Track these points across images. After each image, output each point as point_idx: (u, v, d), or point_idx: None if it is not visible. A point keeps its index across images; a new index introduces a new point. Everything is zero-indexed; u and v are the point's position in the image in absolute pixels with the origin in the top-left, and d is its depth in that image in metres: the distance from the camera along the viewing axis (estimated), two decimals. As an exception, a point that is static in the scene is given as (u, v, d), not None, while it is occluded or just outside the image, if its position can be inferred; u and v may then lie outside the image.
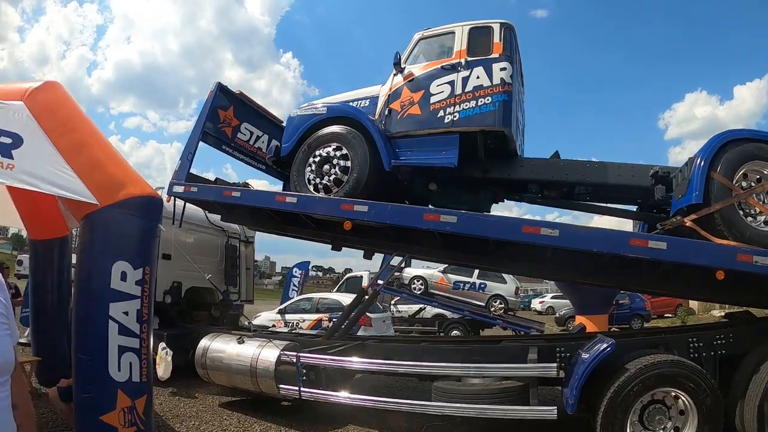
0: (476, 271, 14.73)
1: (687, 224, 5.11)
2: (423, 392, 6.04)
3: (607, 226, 8.10)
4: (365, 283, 14.60)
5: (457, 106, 5.90)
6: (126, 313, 4.38)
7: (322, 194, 6.27)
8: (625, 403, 4.59)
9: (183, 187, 7.00)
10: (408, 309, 16.62)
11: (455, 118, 5.88)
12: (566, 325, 17.37)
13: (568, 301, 18.67)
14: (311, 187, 6.38)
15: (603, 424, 4.59)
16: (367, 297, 7.15)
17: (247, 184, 7.89)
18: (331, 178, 6.26)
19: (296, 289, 15.78)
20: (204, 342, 6.73)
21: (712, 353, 5.13)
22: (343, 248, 7.12)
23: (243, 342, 6.53)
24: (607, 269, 5.65)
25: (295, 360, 5.90)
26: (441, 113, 5.97)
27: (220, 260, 8.83)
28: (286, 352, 6.02)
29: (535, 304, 34.05)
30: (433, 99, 6.05)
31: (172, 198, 7.27)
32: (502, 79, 5.81)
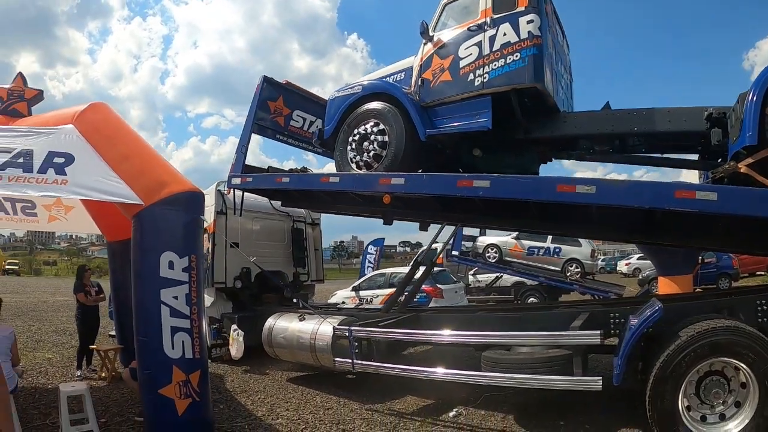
0: (549, 236, 14.00)
1: (742, 170, 4.44)
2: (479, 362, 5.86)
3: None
4: (440, 255, 14.47)
5: (486, 67, 5.56)
6: (176, 297, 4.78)
7: (363, 171, 6.20)
8: (676, 375, 4.08)
9: (240, 178, 7.29)
10: (487, 278, 16.21)
11: (485, 80, 5.55)
12: (649, 287, 16.06)
13: (651, 262, 17.22)
14: (354, 165, 6.36)
15: (652, 396, 4.13)
16: (423, 269, 6.96)
17: (306, 168, 8.01)
18: (371, 154, 6.20)
19: (372, 265, 15.96)
20: (269, 321, 6.99)
21: None
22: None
23: (304, 319, 6.68)
24: (664, 226, 5.09)
25: (347, 334, 5.91)
26: (471, 76, 5.66)
27: (287, 244, 9.11)
28: (340, 327, 6.07)
29: (621, 266, 31.84)
30: (462, 63, 5.75)
31: (232, 190, 7.51)
32: (529, 32, 5.38)
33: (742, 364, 4.00)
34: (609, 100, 6.21)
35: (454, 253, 13.44)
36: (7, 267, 46.20)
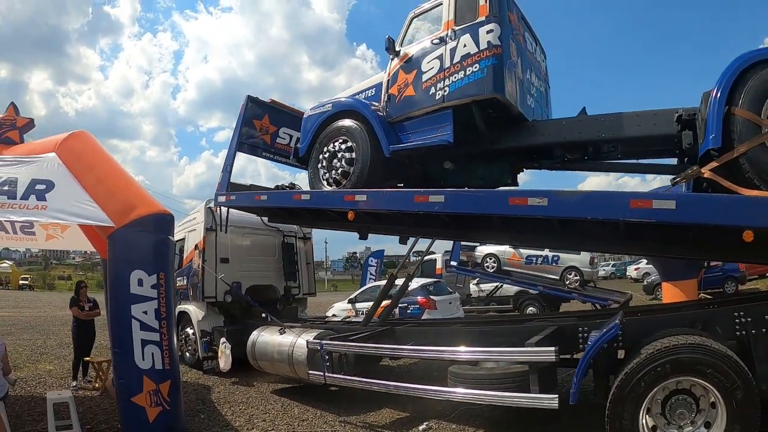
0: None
1: (705, 175, 4.15)
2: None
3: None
4: (439, 266, 14.30)
5: (447, 80, 5.47)
6: (145, 312, 5.02)
7: (333, 188, 6.16)
8: (635, 395, 3.82)
9: (225, 196, 7.38)
10: (490, 287, 15.94)
11: (446, 93, 5.46)
12: (654, 293, 15.45)
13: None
14: (324, 182, 6.38)
15: (610, 416, 3.88)
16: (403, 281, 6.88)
17: (294, 185, 8.02)
18: (339, 171, 6.19)
19: (373, 277, 15.88)
20: (253, 335, 7.03)
21: (764, 330, 4.11)
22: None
23: (284, 332, 6.67)
24: (637, 235, 4.86)
25: (320, 347, 5.87)
26: (432, 90, 5.58)
27: (278, 258, 9.12)
28: (312, 340, 6.04)
29: (631, 271, 30.85)
30: (424, 77, 5.68)
31: (218, 207, 7.58)
32: (489, 42, 5.24)
33: (708, 384, 3.70)
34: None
35: (453, 263, 13.27)
36: (21, 283, 47.64)
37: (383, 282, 13.08)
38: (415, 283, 9.85)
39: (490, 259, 14.11)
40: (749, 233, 3.69)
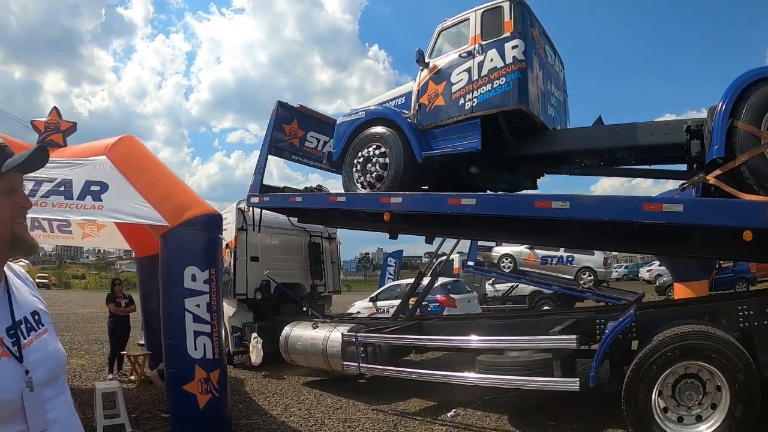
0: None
1: (710, 181, 4.77)
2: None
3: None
4: (456, 266, 14.94)
5: (475, 92, 6.11)
6: (198, 306, 5.57)
7: (367, 191, 6.78)
8: (648, 377, 4.45)
9: (258, 198, 8.01)
10: (506, 287, 16.60)
11: (474, 104, 6.10)
12: (666, 293, 16.01)
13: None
14: (359, 185, 6.97)
15: (626, 397, 4.52)
16: (428, 279, 7.51)
17: (321, 187, 8.67)
18: (374, 175, 6.80)
19: (392, 277, 16.57)
20: (286, 330, 7.66)
21: (765, 322, 4.69)
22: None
23: (317, 327, 7.28)
24: (646, 236, 5.47)
25: (354, 339, 6.49)
26: (461, 101, 6.21)
27: (305, 258, 9.80)
28: (348, 333, 6.66)
29: (643, 272, 31.56)
30: (453, 88, 6.32)
31: (251, 208, 8.21)
32: (514, 57, 5.91)
33: (713, 368, 4.32)
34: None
35: (470, 263, 13.90)
36: (37, 281, 48.59)
37: (402, 281, 13.78)
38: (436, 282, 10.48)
39: (507, 259, 14.76)
40: (748, 233, 4.30)
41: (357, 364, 6.49)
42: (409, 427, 5.78)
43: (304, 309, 7.57)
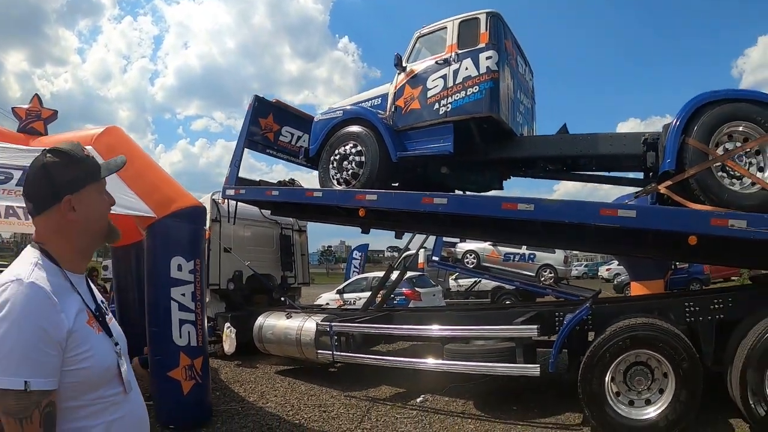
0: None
1: (662, 191, 5.50)
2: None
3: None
4: (421, 260, 15.64)
5: (450, 98, 6.71)
6: (183, 295, 5.98)
7: (343, 187, 7.30)
8: (602, 363, 5.10)
9: (233, 190, 8.41)
10: (467, 283, 17.47)
11: (448, 109, 6.70)
12: (623, 292, 17.22)
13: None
14: (335, 182, 7.48)
15: (581, 381, 5.17)
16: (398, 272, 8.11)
17: (294, 181, 9.13)
18: (349, 172, 7.33)
19: (357, 270, 17.20)
20: (260, 320, 8.13)
21: (709, 318, 5.39)
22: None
23: (290, 317, 7.80)
24: (607, 237, 6.19)
25: (329, 329, 7.03)
26: (436, 105, 6.81)
27: (276, 249, 10.28)
28: (322, 323, 7.20)
29: (602, 271, 33.45)
30: (429, 93, 6.90)
31: (226, 200, 8.61)
32: (488, 67, 6.52)
33: (660, 356, 5.03)
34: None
35: (435, 258, 14.62)
36: None
37: (369, 274, 14.37)
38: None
39: (470, 255, 15.59)
40: (693, 238, 5.09)
41: (331, 353, 7.05)
42: (381, 412, 6.39)
43: (282, 299, 8.05)
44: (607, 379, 5.15)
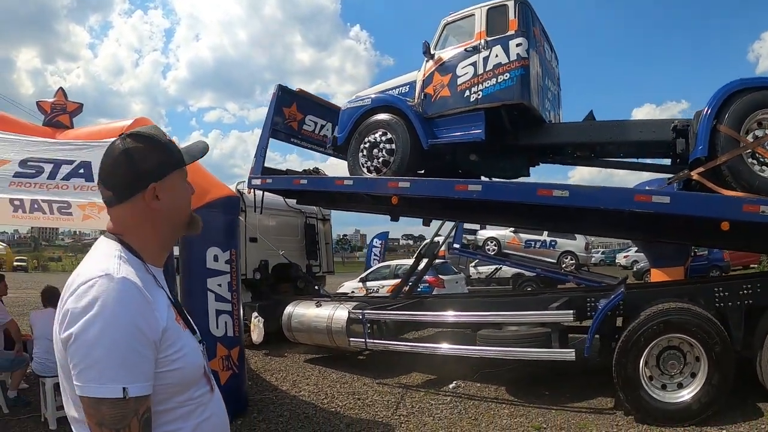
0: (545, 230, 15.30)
1: (694, 177, 5.61)
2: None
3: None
4: (442, 248, 15.80)
5: (480, 85, 6.77)
6: (220, 285, 6.09)
7: (373, 175, 7.39)
8: (636, 348, 5.23)
9: (260, 180, 8.52)
10: (487, 270, 17.58)
11: (479, 97, 6.77)
12: (644, 278, 17.30)
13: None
14: (365, 170, 7.56)
15: (616, 365, 5.31)
16: (426, 260, 8.23)
17: (318, 170, 9.25)
18: (380, 160, 7.41)
19: (377, 258, 17.34)
20: (288, 308, 8.27)
21: (738, 303, 5.46)
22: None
23: (320, 305, 7.94)
24: (633, 223, 6.28)
25: (361, 316, 7.16)
26: (467, 93, 6.87)
27: (301, 238, 10.43)
28: (354, 311, 7.33)
29: (620, 258, 33.51)
30: (459, 80, 6.96)
31: (252, 189, 8.74)
32: (518, 54, 6.58)
33: (693, 340, 5.16)
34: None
35: (456, 246, 14.73)
36: (15, 264, 48.25)
37: (391, 262, 14.51)
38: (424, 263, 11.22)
39: (492, 242, 15.72)
40: (726, 224, 5.18)
41: (363, 340, 7.19)
42: (416, 398, 6.55)
43: (316, 288, 8.19)
44: (641, 363, 5.27)
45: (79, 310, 1.24)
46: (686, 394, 5.20)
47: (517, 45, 6.62)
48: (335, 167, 9.51)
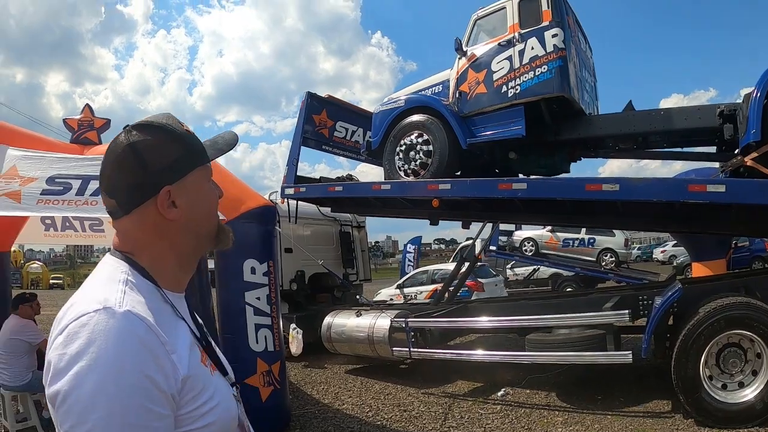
0: (583, 228, 14.89)
1: (748, 163, 5.32)
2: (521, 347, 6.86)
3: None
4: (478, 250, 15.53)
5: (518, 79, 6.54)
6: (258, 298, 5.90)
7: (411, 178, 7.20)
8: (696, 347, 4.94)
9: (293, 189, 8.41)
10: (524, 271, 17.20)
11: (517, 91, 6.54)
12: (684, 273, 16.72)
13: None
14: (402, 173, 7.38)
15: (676, 366, 5.02)
16: (467, 264, 7.98)
17: (351, 176, 9.10)
18: (417, 162, 7.22)
19: (412, 263, 17.14)
20: (327, 319, 8.12)
21: None
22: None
23: (360, 315, 7.77)
24: (684, 215, 5.96)
25: (404, 325, 6.96)
26: (504, 88, 6.65)
27: (336, 247, 10.29)
28: (396, 319, 7.13)
29: (657, 253, 32.64)
30: (495, 76, 6.75)
31: (286, 199, 8.64)
32: (555, 45, 6.34)
33: (755, 336, 4.86)
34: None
35: (492, 248, 14.43)
36: (51, 282, 49.66)
37: (428, 267, 14.28)
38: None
39: (529, 243, 15.41)
40: None
41: (407, 349, 6.98)
42: (464, 408, 6.31)
43: (357, 297, 8.02)
44: (701, 362, 4.98)
45: (67, 359, 0.92)
46: (749, 393, 4.90)
47: (553, 36, 6.37)
48: (365, 174, 9.33)
